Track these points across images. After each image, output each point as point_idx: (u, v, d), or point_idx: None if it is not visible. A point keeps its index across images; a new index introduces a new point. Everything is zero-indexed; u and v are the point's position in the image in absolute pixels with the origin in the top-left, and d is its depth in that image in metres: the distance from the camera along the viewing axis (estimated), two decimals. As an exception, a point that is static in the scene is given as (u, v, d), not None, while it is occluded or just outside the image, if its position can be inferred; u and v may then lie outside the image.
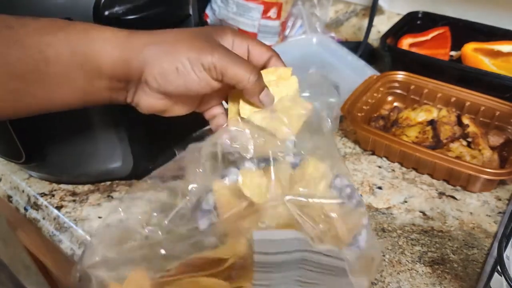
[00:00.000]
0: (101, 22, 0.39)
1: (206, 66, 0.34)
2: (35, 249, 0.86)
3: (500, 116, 0.60)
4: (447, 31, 0.74)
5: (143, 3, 0.41)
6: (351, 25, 0.92)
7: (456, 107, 0.62)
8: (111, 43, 0.33)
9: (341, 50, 0.80)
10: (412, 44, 0.74)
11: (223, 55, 0.34)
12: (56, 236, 0.50)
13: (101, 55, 0.33)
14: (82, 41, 0.33)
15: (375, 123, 0.62)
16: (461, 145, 0.57)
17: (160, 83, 0.34)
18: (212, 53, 0.34)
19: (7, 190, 0.57)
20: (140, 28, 0.41)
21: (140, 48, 0.34)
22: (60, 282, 0.93)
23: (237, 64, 0.34)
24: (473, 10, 0.77)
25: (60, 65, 0.33)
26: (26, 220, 0.54)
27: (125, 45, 0.34)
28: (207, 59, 0.33)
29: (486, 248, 0.47)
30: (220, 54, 0.34)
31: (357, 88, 0.65)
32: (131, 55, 0.34)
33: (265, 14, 0.79)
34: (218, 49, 0.34)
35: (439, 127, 0.59)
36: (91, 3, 0.38)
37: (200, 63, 0.34)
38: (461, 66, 0.67)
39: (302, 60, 0.81)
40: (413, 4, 0.82)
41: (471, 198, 0.53)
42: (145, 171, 0.45)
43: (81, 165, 0.50)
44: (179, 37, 0.35)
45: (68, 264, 0.55)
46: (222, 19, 0.83)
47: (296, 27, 0.87)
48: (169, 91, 0.35)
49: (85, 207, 0.51)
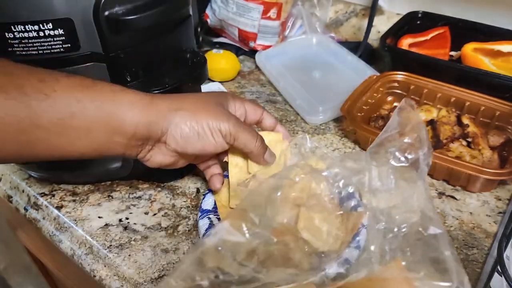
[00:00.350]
0: (101, 22, 0.39)
1: (224, 132, 0.40)
2: (35, 249, 0.86)
3: (500, 116, 0.60)
4: (447, 31, 0.74)
5: (143, 3, 0.41)
6: (351, 25, 0.92)
7: (456, 107, 0.62)
8: (137, 106, 0.37)
9: (341, 50, 0.80)
10: (412, 44, 0.74)
11: (235, 123, 0.40)
12: (56, 236, 0.50)
13: (125, 116, 0.36)
14: (108, 101, 0.36)
15: (375, 123, 0.62)
16: (461, 145, 0.57)
17: (181, 145, 0.39)
18: (228, 121, 0.40)
19: (7, 190, 0.57)
20: (141, 28, 0.41)
21: (163, 113, 0.38)
22: (60, 282, 0.93)
23: (246, 130, 0.41)
24: (473, 10, 0.77)
25: (84, 120, 0.35)
26: (26, 220, 0.54)
27: (150, 108, 0.38)
28: (224, 126, 0.39)
29: (486, 248, 0.47)
30: (234, 122, 0.40)
31: (357, 88, 0.65)
32: (155, 120, 0.38)
33: (265, 14, 0.79)
34: (231, 117, 0.40)
35: (439, 127, 0.59)
36: (91, 3, 0.38)
37: (219, 129, 0.39)
38: (461, 66, 0.67)
39: (302, 60, 0.81)
40: (413, 4, 0.82)
41: (471, 198, 0.53)
42: (145, 171, 0.46)
43: (81, 165, 0.50)
44: (198, 104, 0.40)
45: (68, 264, 0.55)
46: (222, 19, 0.84)
47: (296, 27, 0.87)
48: (187, 152, 0.41)
49: (85, 207, 0.51)
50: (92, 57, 0.42)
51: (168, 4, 0.43)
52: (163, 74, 0.47)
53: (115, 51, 0.42)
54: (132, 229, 0.48)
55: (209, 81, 0.77)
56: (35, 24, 0.38)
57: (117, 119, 0.36)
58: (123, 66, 0.43)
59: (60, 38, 0.39)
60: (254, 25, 0.81)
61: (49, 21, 0.38)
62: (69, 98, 0.34)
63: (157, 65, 0.47)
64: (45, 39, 0.39)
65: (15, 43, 0.39)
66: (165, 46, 0.47)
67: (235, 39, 0.86)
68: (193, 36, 0.52)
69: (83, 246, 0.48)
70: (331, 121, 0.67)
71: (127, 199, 0.52)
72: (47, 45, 0.39)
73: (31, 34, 0.38)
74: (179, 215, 0.50)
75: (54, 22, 0.38)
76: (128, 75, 0.44)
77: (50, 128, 0.34)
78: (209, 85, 0.76)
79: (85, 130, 0.36)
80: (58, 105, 0.34)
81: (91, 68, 0.42)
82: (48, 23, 0.38)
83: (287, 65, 0.78)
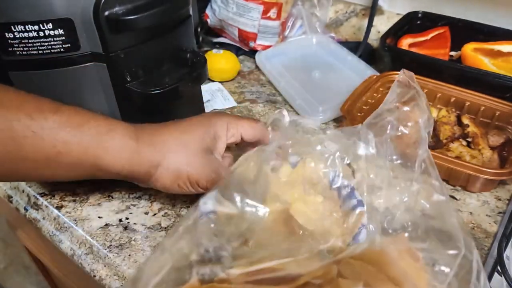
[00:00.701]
0: (101, 22, 0.39)
1: (201, 186, 0.41)
2: (35, 249, 0.86)
3: (500, 116, 0.60)
4: (447, 31, 0.74)
5: (143, 3, 0.41)
6: (351, 25, 0.92)
7: (456, 107, 0.62)
8: (121, 155, 0.38)
9: (341, 50, 0.80)
10: (411, 44, 0.74)
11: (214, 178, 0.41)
12: (56, 236, 0.50)
13: (109, 162, 0.38)
14: (94, 146, 0.37)
15: (375, 123, 0.62)
16: (461, 145, 0.57)
17: (165, 190, 0.42)
18: (207, 179, 0.40)
19: (7, 190, 0.57)
20: (141, 28, 0.41)
21: (145, 167, 0.39)
22: (60, 282, 0.93)
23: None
24: (473, 10, 0.77)
25: (71, 159, 0.37)
26: (26, 220, 0.54)
27: (132, 162, 0.39)
28: (202, 182, 0.40)
29: (486, 248, 0.47)
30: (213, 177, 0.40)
31: (357, 88, 0.65)
32: (137, 170, 0.39)
33: (265, 14, 0.79)
34: (212, 171, 0.41)
35: (439, 127, 0.59)
36: (91, 3, 0.38)
37: (197, 182, 0.40)
38: (461, 66, 0.67)
39: (302, 60, 0.81)
40: (413, 4, 0.82)
41: (471, 198, 0.53)
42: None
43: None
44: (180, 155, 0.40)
45: (68, 264, 0.55)
46: (222, 19, 0.84)
47: (296, 27, 0.87)
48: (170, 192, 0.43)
49: (85, 207, 0.51)
50: (92, 57, 0.42)
51: (168, 4, 0.43)
52: (163, 74, 0.47)
53: (115, 51, 0.42)
54: (132, 229, 0.48)
55: (209, 81, 0.77)
56: (35, 24, 0.38)
57: (102, 163, 0.38)
58: (123, 66, 0.43)
59: (60, 38, 0.39)
60: (254, 25, 0.81)
61: (49, 21, 0.38)
62: (55, 140, 0.35)
63: (157, 65, 0.47)
64: (45, 39, 0.39)
65: (15, 43, 0.39)
66: (165, 46, 0.47)
67: (235, 39, 0.86)
68: (193, 36, 0.52)
69: (83, 246, 0.48)
70: (331, 121, 0.67)
71: (127, 199, 0.52)
72: (47, 45, 0.39)
73: (31, 34, 0.38)
74: (179, 215, 0.50)
75: (54, 22, 0.38)
76: (128, 75, 0.44)
77: (37, 161, 0.35)
78: (209, 85, 0.76)
79: (71, 166, 0.37)
80: (45, 144, 0.35)
81: (91, 68, 0.42)
82: (48, 23, 0.38)
83: (287, 65, 0.78)
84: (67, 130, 0.36)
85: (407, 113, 0.38)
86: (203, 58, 0.50)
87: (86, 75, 0.42)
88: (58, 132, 0.35)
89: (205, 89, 0.74)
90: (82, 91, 0.43)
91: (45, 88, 0.42)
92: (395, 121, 0.38)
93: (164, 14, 0.43)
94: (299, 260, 0.30)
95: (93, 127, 0.37)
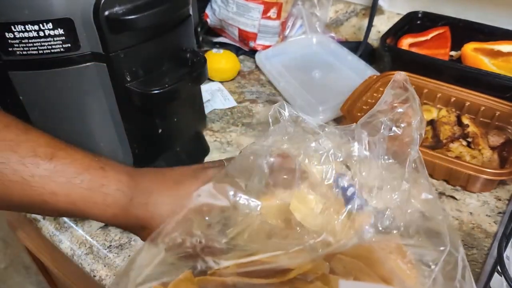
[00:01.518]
0: (101, 22, 0.39)
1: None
2: (35, 249, 0.86)
3: (500, 116, 0.60)
4: (447, 31, 0.74)
5: (143, 3, 0.41)
6: (351, 25, 0.92)
7: (456, 107, 0.62)
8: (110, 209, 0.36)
9: (341, 50, 0.80)
10: (412, 44, 0.74)
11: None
12: (56, 236, 0.50)
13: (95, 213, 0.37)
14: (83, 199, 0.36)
15: (375, 123, 0.62)
16: (461, 145, 0.57)
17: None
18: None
19: (7, 190, 0.57)
20: (141, 28, 0.41)
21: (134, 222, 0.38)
22: (60, 281, 0.93)
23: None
24: (473, 10, 0.77)
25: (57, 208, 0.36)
26: (26, 220, 0.54)
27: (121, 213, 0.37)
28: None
29: (486, 248, 0.47)
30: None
31: (357, 88, 0.65)
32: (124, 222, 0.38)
33: (265, 14, 0.79)
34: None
35: (439, 127, 0.59)
36: (91, 3, 0.38)
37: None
38: (461, 66, 0.67)
39: (302, 60, 0.81)
40: (413, 4, 0.82)
41: (471, 198, 0.53)
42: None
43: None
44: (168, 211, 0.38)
45: (68, 264, 0.55)
46: (222, 19, 0.84)
47: (296, 27, 0.87)
48: None
49: (85, 207, 0.51)
50: (92, 57, 0.42)
51: (168, 4, 0.43)
52: (163, 74, 0.47)
53: (115, 51, 0.42)
54: (132, 229, 0.48)
55: (209, 81, 0.77)
56: (35, 24, 0.38)
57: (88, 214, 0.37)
58: (123, 66, 0.43)
59: (60, 38, 0.39)
60: (254, 25, 0.81)
61: (49, 21, 0.38)
62: (43, 189, 0.34)
63: (157, 65, 0.47)
64: (45, 39, 0.39)
65: (15, 43, 0.39)
66: (165, 46, 0.47)
67: (235, 39, 0.86)
68: (193, 36, 0.52)
69: (83, 246, 0.48)
70: (331, 121, 0.67)
71: (127, 199, 0.52)
72: (47, 45, 0.39)
73: (31, 34, 0.38)
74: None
75: (54, 22, 0.38)
76: (128, 75, 0.44)
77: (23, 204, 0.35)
78: (209, 84, 0.76)
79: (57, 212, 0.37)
80: (33, 192, 0.34)
81: (91, 68, 0.42)
82: (48, 23, 0.38)
83: (287, 65, 0.78)
84: (57, 181, 0.35)
85: (400, 114, 0.38)
86: (203, 58, 0.50)
87: (86, 75, 0.42)
88: (48, 182, 0.34)
89: (205, 89, 0.74)
90: (82, 91, 0.43)
91: (45, 88, 0.42)
92: (388, 121, 0.38)
93: (164, 14, 0.43)
94: (290, 253, 0.30)
95: (86, 179, 0.36)
